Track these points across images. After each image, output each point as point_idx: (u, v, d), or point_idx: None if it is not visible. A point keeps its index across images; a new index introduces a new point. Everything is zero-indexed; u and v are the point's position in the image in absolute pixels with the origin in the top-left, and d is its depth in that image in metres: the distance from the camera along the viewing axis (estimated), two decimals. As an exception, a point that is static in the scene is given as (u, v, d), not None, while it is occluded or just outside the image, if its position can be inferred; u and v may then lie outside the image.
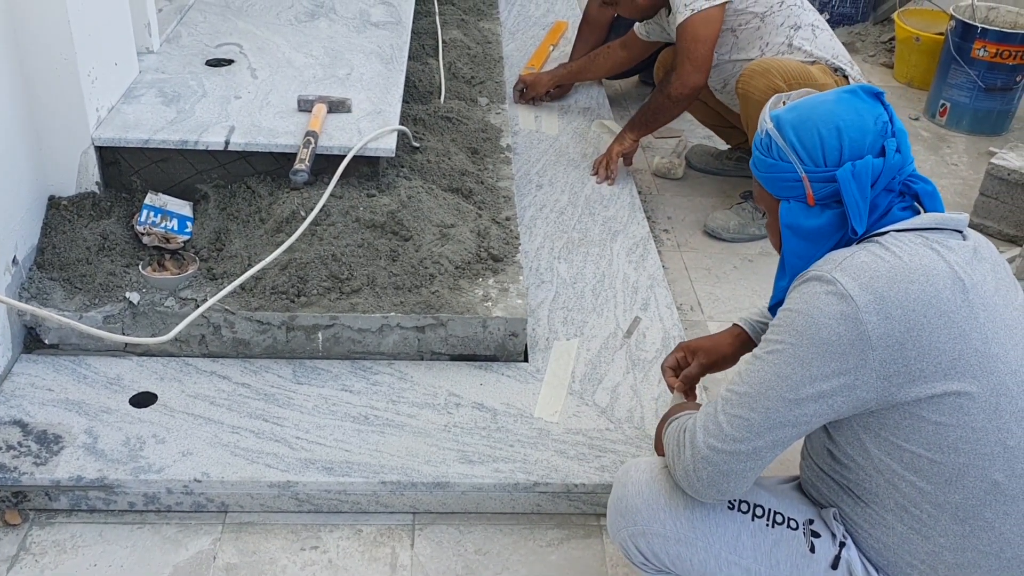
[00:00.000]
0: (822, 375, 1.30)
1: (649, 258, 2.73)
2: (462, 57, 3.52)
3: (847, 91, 1.44)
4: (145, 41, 2.69)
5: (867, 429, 1.35)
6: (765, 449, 1.36)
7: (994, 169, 3.11)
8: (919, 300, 1.29)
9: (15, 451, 1.90)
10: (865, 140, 1.38)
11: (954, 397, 1.29)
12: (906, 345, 1.28)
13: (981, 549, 1.33)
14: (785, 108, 1.47)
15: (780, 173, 1.44)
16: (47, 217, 2.26)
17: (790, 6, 2.79)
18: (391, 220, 2.31)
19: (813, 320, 1.31)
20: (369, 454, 1.96)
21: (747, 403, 1.35)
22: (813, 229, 1.42)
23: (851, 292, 1.29)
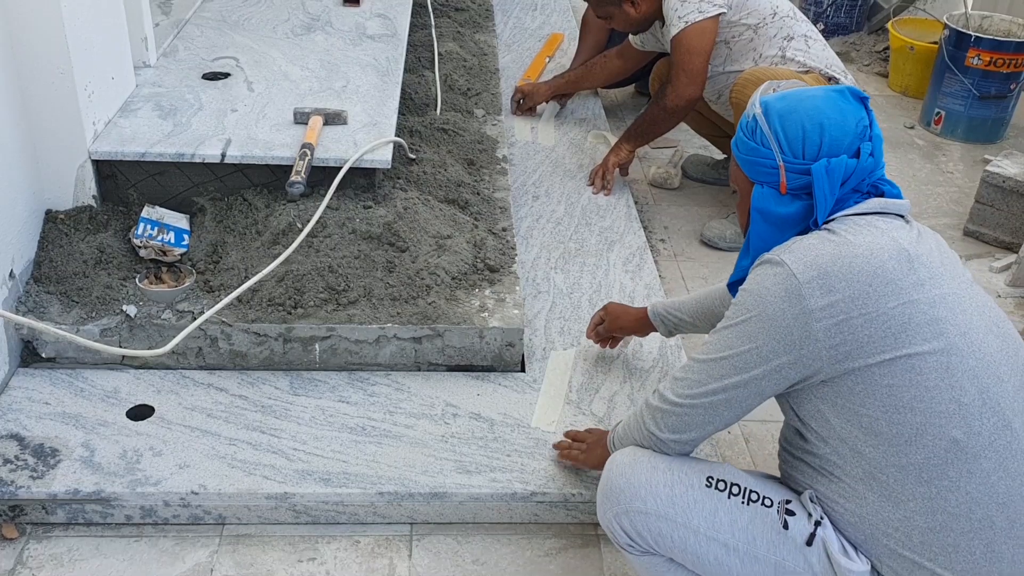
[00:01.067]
0: (769, 348, 1.41)
1: (645, 268, 2.73)
2: (458, 69, 3.53)
3: (835, 90, 1.50)
4: (142, 55, 2.71)
5: (825, 399, 1.42)
6: (720, 405, 1.48)
7: (989, 177, 3.12)
8: (863, 271, 1.37)
9: (12, 465, 1.90)
10: (844, 140, 1.45)
11: (905, 359, 1.35)
12: (851, 314, 1.36)
13: (950, 511, 1.35)
14: (775, 96, 1.52)
15: (759, 158, 1.50)
16: (44, 231, 2.26)
17: (783, 17, 2.80)
18: (387, 231, 2.32)
19: (761, 298, 1.42)
20: (366, 465, 1.95)
21: (702, 367, 1.49)
22: (781, 216, 1.49)
23: (795, 270, 1.39)
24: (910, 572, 1.38)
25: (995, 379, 1.38)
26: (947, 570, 1.36)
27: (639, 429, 1.59)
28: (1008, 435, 1.36)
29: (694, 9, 2.75)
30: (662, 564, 1.55)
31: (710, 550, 1.48)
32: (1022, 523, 1.36)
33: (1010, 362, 1.41)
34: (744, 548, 1.46)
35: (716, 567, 1.48)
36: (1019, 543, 1.36)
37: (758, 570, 1.46)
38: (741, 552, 1.47)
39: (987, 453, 1.35)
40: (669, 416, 1.53)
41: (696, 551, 1.49)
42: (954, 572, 1.35)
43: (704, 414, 1.50)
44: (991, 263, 3.06)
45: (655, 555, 1.55)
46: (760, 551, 1.46)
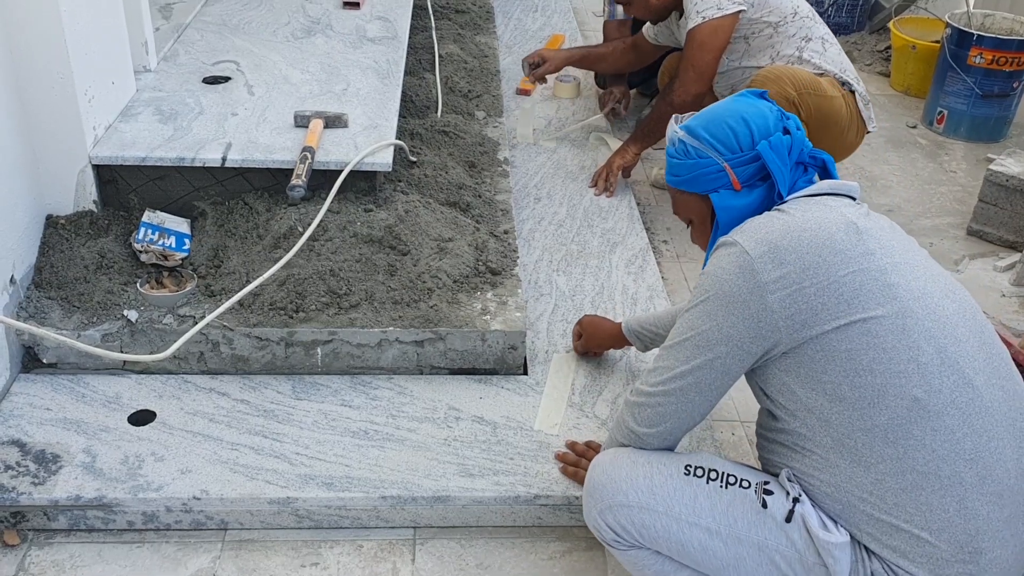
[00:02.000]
0: (729, 324, 1.45)
1: (648, 269, 2.73)
2: (459, 71, 3.52)
3: (736, 96, 1.64)
4: (142, 59, 2.70)
5: (788, 371, 1.45)
6: (691, 389, 1.50)
7: (993, 175, 3.11)
8: (812, 243, 1.43)
9: (13, 471, 1.89)
10: (768, 123, 1.57)
11: (860, 323, 1.39)
12: (804, 284, 1.41)
13: (919, 470, 1.38)
14: (688, 119, 1.64)
15: (702, 170, 1.59)
16: (45, 236, 2.26)
17: (803, 18, 2.81)
18: (389, 235, 2.31)
19: (717, 278, 1.47)
20: (369, 469, 1.95)
21: (669, 353, 1.53)
22: (745, 207, 1.57)
23: (747, 247, 1.45)
24: (889, 536, 1.40)
25: (952, 339, 1.41)
26: (924, 530, 1.38)
27: (620, 428, 1.62)
28: (970, 392, 1.39)
29: (714, 5, 2.73)
30: (649, 557, 1.57)
31: (693, 536, 1.50)
32: (993, 478, 1.38)
33: (967, 324, 1.45)
34: (726, 531, 1.49)
35: (701, 553, 1.50)
36: (992, 499, 1.38)
37: (741, 551, 1.48)
38: (723, 535, 1.49)
39: (949, 411, 1.38)
40: (644, 408, 1.56)
41: (680, 539, 1.51)
42: (930, 532, 1.37)
43: (676, 401, 1.52)
44: (995, 262, 3.04)
45: (642, 549, 1.57)
46: (741, 532, 1.48)
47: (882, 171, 3.62)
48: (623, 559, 1.61)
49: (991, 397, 1.40)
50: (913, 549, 1.38)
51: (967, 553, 1.36)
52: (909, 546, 1.38)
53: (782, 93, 2.65)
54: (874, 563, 1.41)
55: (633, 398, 1.58)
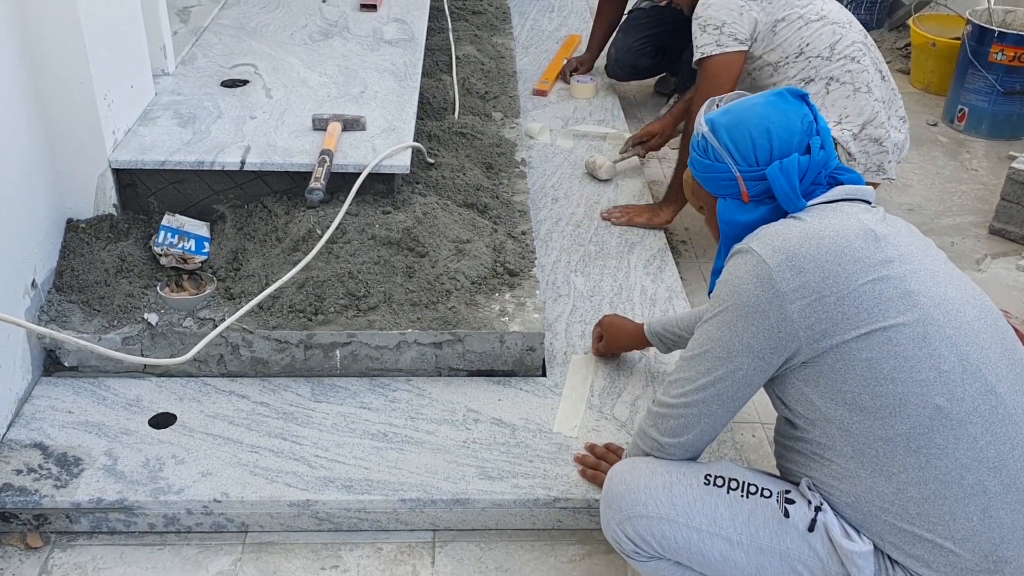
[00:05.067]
0: (748, 334, 1.43)
1: (667, 269, 2.71)
2: (476, 72, 3.52)
3: (775, 93, 1.56)
4: (161, 63, 2.72)
5: (807, 381, 1.44)
6: (712, 400, 1.49)
7: (1015, 174, 3.08)
8: (831, 251, 1.41)
9: (36, 474, 1.91)
10: (793, 139, 1.51)
11: (880, 332, 1.37)
12: (823, 293, 1.39)
13: (942, 479, 1.36)
14: (719, 112, 1.58)
15: (716, 173, 1.56)
16: (65, 240, 2.27)
17: (809, 58, 2.62)
18: (407, 237, 2.31)
19: (735, 287, 1.45)
20: (388, 471, 1.95)
21: (690, 364, 1.51)
22: (748, 223, 1.54)
23: (764, 256, 1.43)
24: (912, 546, 1.38)
25: (975, 346, 1.39)
26: (947, 539, 1.36)
27: (644, 438, 1.60)
28: (992, 399, 1.37)
29: (712, 41, 2.64)
30: (669, 568, 1.56)
31: (714, 546, 1.49)
32: (1017, 487, 1.36)
33: (990, 330, 1.42)
34: (748, 541, 1.47)
35: (722, 563, 1.49)
36: (1016, 507, 1.36)
37: (763, 561, 1.47)
38: (745, 545, 1.47)
39: (972, 418, 1.36)
40: (667, 419, 1.54)
41: (701, 550, 1.50)
42: (954, 541, 1.35)
43: (699, 412, 1.51)
44: (1018, 261, 3.01)
45: (661, 559, 1.55)
46: (764, 542, 1.47)
47: (903, 169, 3.59)
48: (643, 570, 1.60)
49: (1014, 404, 1.38)
50: (937, 559, 1.36)
51: (991, 562, 1.35)
52: (932, 556, 1.36)
53: None
54: (897, 572, 1.40)
55: (656, 408, 1.57)
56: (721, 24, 2.63)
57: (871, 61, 2.66)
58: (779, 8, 2.64)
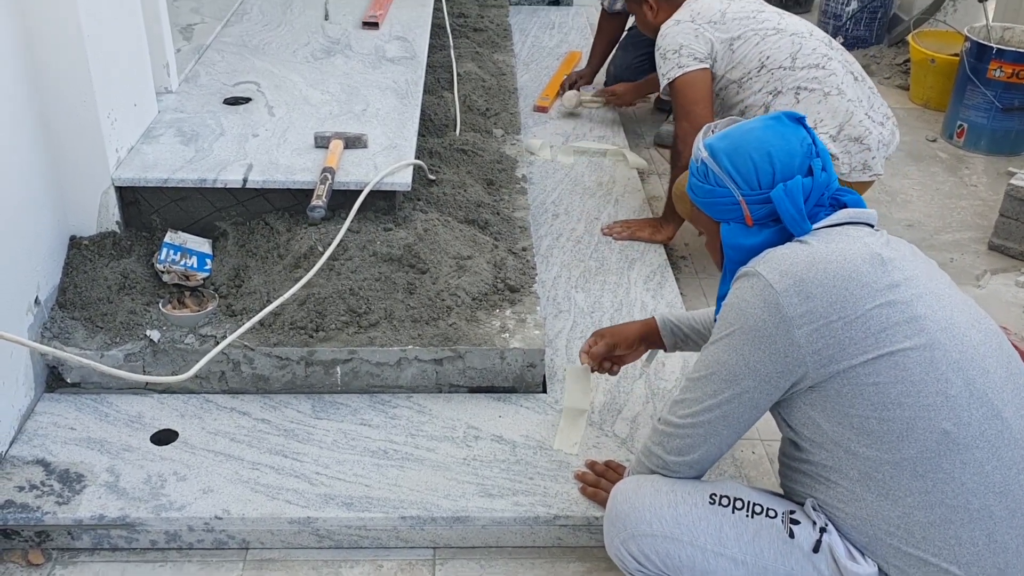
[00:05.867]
0: (755, 358, 1.44)
1: (667, 285, 2.73)
2: (477, 89, 3.54)
3: (772, 117, 1.57)
4: (164, 81, 2.73)
5: (814, 405, 1.44)
6: (719, 421, 1.50)
7: (1014, 190, 3.09)
8: (838, 276, 1.41)
9: (38, 490, 1.91)
10: (794, 162, 1.51)
11: (887, 356, 1.38)
12: (831, 318, 1.39)
13: (948, 503, 1.36)
14: (716, 137, 1.59)
15: (718, 198, 1.56)
16: (68, 257, 2.29)
17: (771, 70, 2.67)
18: (408, 253, 2.32)
19: (741, 311, 1.45)
20: (388, 489, 1.95)
21: (696, 386, 1.52)
22: (753, 247, 1.54)
23: (771, 280, 1.43)
24: (917, 570, 1.38)
25: (981, 371, 1.39)
26: (952, 564, 1.36)
27: (649, 456, 1.61)
28: (999, 424, 1.37)
29: (674, 65, 2.73)
30: None
31: (719, 566, 1.49)
32: (1023, 511, 1.36)
33: (995, 354, 1.43)
34: (752, 561, 1.48)
35: None
36: (1022, 532, 1.36)
37: None
38: (750, 565, 1.48)
39: (979, 443, 1.36)
40: (673, 439, 1.55)
41: (705, 569, 1.50)
42: (959, 565, 1.36)
43: (705, 432, 1.51)
44: (1017, 277, 3.02)
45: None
46: (768, 562, 1.47)
47: (902, 185, 3.60)
48: None
49: (1020, 429, 1.39)
50: None
51: None
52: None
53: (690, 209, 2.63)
54: None
55: (661, 427, 1.58)
56: (679, 47, 2.74)
57: (839, 64, 2.70)
58: (733, 28, 2.74)
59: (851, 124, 2.62)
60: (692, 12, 2.79)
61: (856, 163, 2.63)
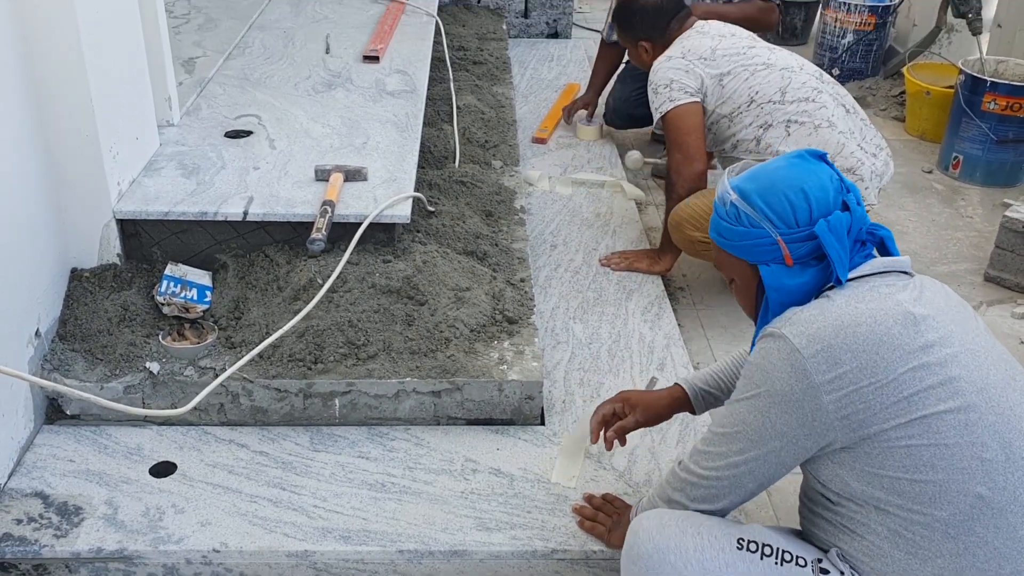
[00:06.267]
0: (782, 422, 1.42)
1: (665, 317, 2.74)
2: (476, 122, 3.58)
3: (795, 156, 1.54)
4: (165, 114, 2.76)
5: (843, 465, 1.42)
6: (744, 476, 1.49)
7: (1009, 222, 3.11)
8: (868, 340, 1.37)
9: (36, 523, 1.92)
10: (828, 198, 1.48)
11: (921, 420, 1.35)
12: (861, 384, 1.36)
13: (979, 567, 1.34)
14: (742, 178, 1.56)
15: (754, 240, 1.52)
16: (69, 289, 2.30)
17: (761, 104, 2.73)
18: (407, 285, 2.34)
19: (767, 374, 1.43)
20: (386, 522, 1.95)
21: (721, 440, 1.51)
22: (797, 287, 1.50)
23: (798, 345, 1.40)
24: None
25: (1018, 433, 1.37)
26: None
27: (670, 503, 1.58)
28: None
29: (665, 99, 2.80)
30: None
31: None
32: None
33: None
34: None
35: None
36: None
37: None
38: None
39: (1013, 507, 1.34)
40: (697, 488, 1.53)
41: None
42: None
43: (730, 484, 1.50)
44: (1013, 309, 3.03)
45: None
46: None
47: (898, 216, 3.63)
48: None
49: None
50: None
51: None
52: None
53: (686, 238, 2.70)
54: None
55: (684, 475, 1.56)
56: (669, 82, 2.80)
57: (830, 97, 2.75)
58: (723, 64, 2.80)
59: (843, 155, 2.67)
60: (683, 49, 2.86)
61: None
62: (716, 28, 2.93)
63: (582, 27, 5.29)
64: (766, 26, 3.59)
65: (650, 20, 2.97)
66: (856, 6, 4.74)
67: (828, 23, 4.89)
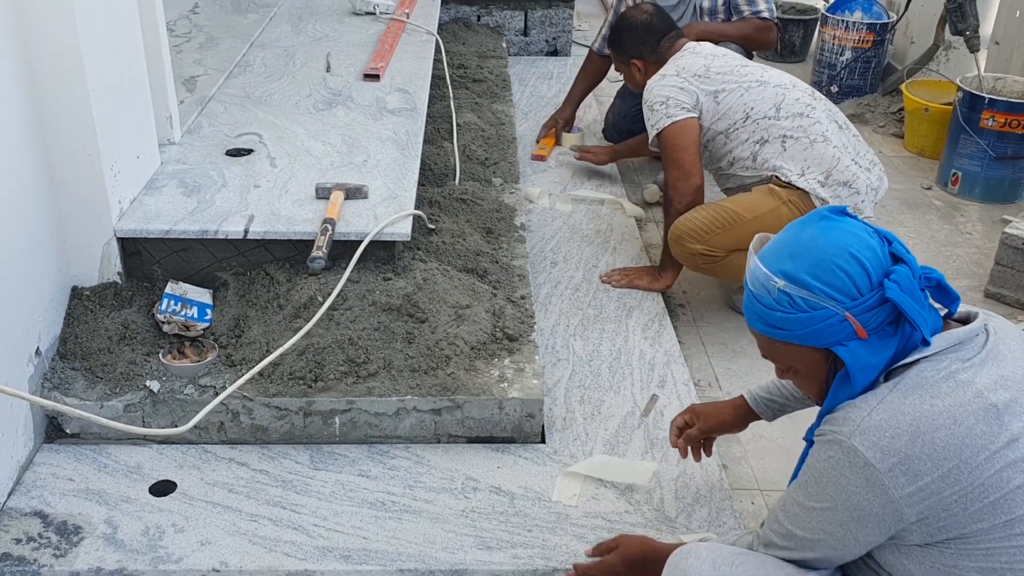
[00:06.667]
0: (862, 532, 1.36)
1: (665, 334, 2.74)
2: (476, 139, 3.59)
3: (819, 219, 1.43)
4: (167, 133, 2.77)
5: (911, 556, 1.38)
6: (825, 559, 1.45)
7: (1008, 239, 3.11)
8: (948, 446, 1.28)
9: (35, 543, 1.91)
10: (877, 254, 1.38)
11: (1004, 524, 1.29)
12: (943, 494, 1.29)
13: None
14: (776, 258, 1.43)
15: (820, 323, 1.38)
16: (70, 307, 2.30)
17: (756, 120, 2.75)
18: (407, 303, 2.34)
19: (842, 488, 1.35)
20: (386, 541, 1.95)
21: (798, 532, 1.45)
22: (881, 360, 1.38)
23: (872, 459, 1.31)
24: None
25: None
26: None
27: None
28: None
29: (662, 115, 2.82)
30: None
31: None
32: None
33: None
34: None
35: None
36: None
37: None
38: None
39: None
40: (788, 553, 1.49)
41: None
42: None
43: (814, 560, 1.47)
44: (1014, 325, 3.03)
45: None
46: None
47: (898, 233, 3.56)
48: None
49: None
50: None
51: None
52: None
53: (688, 252, 2.70)
54: None
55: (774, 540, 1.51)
56: (666, 99, 2.82)
57: (823, 113, 2.78)
58: (717, 81, 2.83)
59: (838, 170, 2.70)
60: (677, 67, 2.89)
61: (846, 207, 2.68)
62: (707, 48, 2.98)
63: (581, 44, 5.31)
64: (764, 44, 3.62)
65: (640, 37, 3.01)
66: (854, 24, 4.77)
67: (826, 41, 4.91)
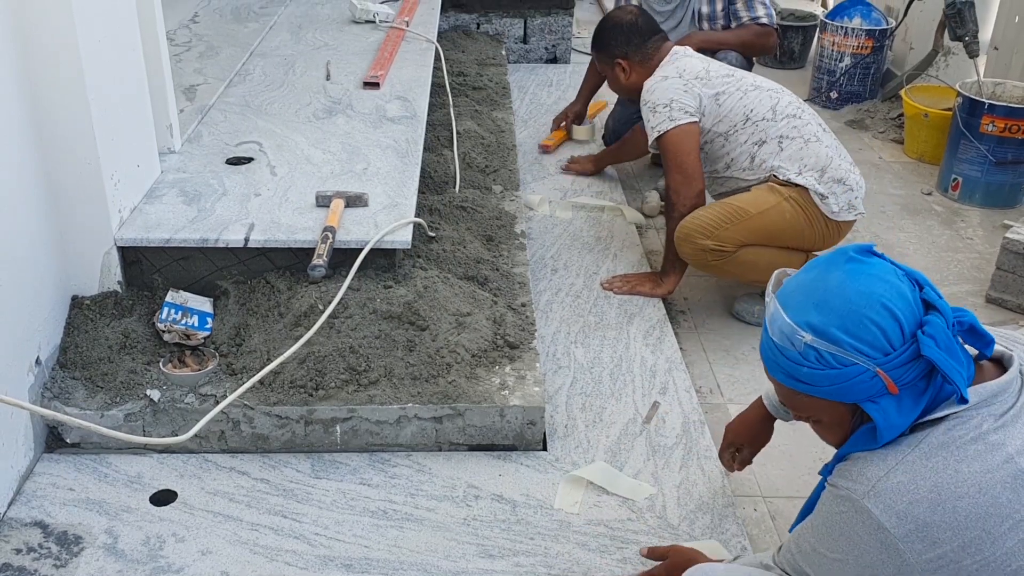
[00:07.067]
0: None
1: (666, 341, 2.73)
2: (476, 147, 3.59)
3: (846, 260, 1.34)
4: (167, 142, 2.77)
5: None
6: None
7: (1009, 244, 3.11)
8: (971, 515, 1.22)
9: (36, 553, 1.90)
10: (909, 303, 1.29)
11: None
12: (963, 563, 1.23)
13: None
14: (801, 308, 1.33)
15: (850, 380, 1.30)
16: (70, 317, 2.30)
17: (755, 122, 2.80)
18: (408, 310, 2.34)
19: (854, 545, 1.30)
20: (388, 550, 1.94)
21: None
22: (911, 418, 1.31)
23: (886, 524, 1.25)
24: None
25: None
26: None
27: None
28: None
29: (665, 118, 2.81)
30: None
31: None
32: None
33: None
34: None
35: None
36: None
37: None
38: None
39: None
40: None
41: None
42: None
43: None
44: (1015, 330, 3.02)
45: None
46: None
47: (898, 239, 3.63)
48: None
49: None
50: None
51: None
52: None
53: (698, 248, 2.70)
54: None
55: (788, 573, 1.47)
56: (669, 101, 2.83)
57: (811, 116, 2.88)
58: (717, 84, 2.87)
59: (832, 168, 2.76)
60: (678, 69, 2.90)
61: (843, 203, 2.76)
62: (699, 54, 3.02)
63: (581, 52, 5.32)
64: (765, 50, 3.62)
65: (625, 37, 3.02)
66: (853, 30, 4.77)
67: (826, 47, 4.91)
